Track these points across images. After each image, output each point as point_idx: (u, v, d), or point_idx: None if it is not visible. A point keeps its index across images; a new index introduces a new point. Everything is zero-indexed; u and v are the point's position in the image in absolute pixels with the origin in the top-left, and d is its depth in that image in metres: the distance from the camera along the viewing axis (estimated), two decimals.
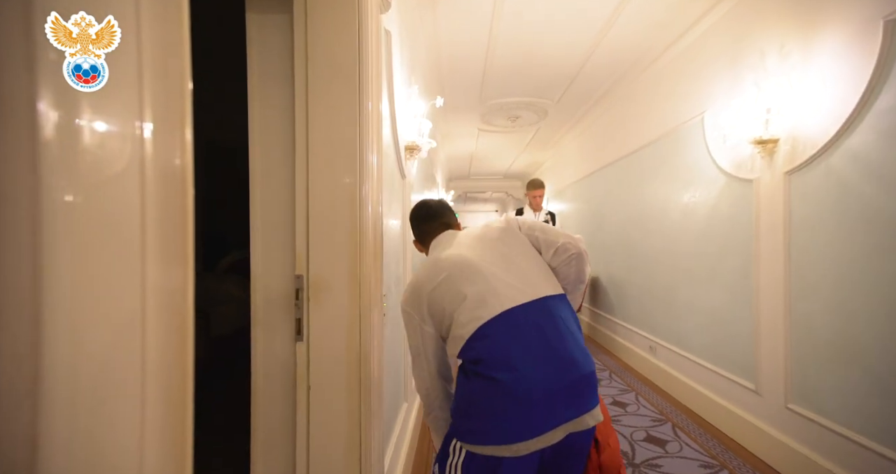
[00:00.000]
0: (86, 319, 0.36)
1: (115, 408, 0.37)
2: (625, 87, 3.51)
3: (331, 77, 1.11)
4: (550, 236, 1.09)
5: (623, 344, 3.60)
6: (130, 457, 0.38)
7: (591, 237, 4.53)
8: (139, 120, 0.40)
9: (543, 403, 0.85)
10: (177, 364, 0.43)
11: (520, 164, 7.55)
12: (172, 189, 0.41)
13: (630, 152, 3.51)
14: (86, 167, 0.36)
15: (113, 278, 0.38)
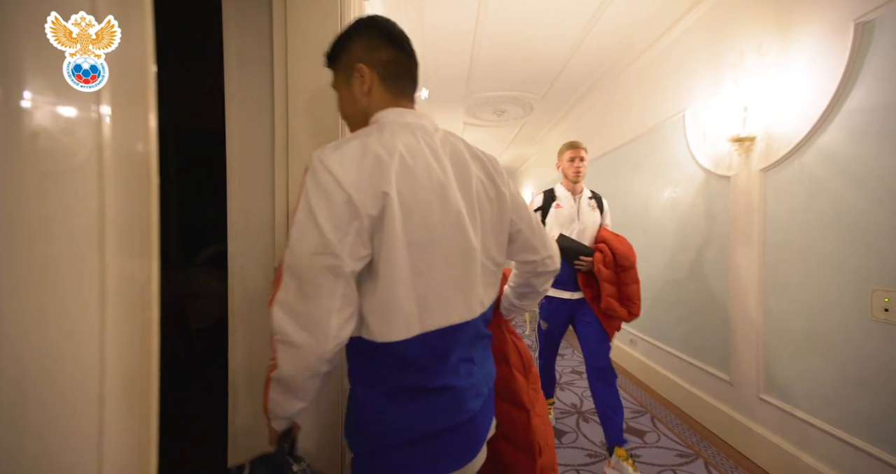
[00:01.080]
0: (37, 311, 0.34)
1: (71, 404, 0.36)
2: (608, 83, 3.54)
3: (311, 67, 1.08)
4: (537, 240, 0.84)
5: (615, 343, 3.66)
6: (88, 453, 0.36)
7: None
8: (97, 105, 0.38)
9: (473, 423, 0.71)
10: (140, 357, 0.42)
11: (505, 159, 7.57)
12: (135, 178, 0.40)
13: (614, 148, 3.55)
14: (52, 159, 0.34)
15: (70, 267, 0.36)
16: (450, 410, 0.67)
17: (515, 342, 1.03)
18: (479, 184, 0.73)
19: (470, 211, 0.70)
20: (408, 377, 0.65)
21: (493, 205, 0.75)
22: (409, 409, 0.65)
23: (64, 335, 0.35)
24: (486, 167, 0.76)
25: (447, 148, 0.72)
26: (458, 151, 0.73)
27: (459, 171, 0.71)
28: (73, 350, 0.36)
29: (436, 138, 0.71)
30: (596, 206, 2.01)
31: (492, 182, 0.76)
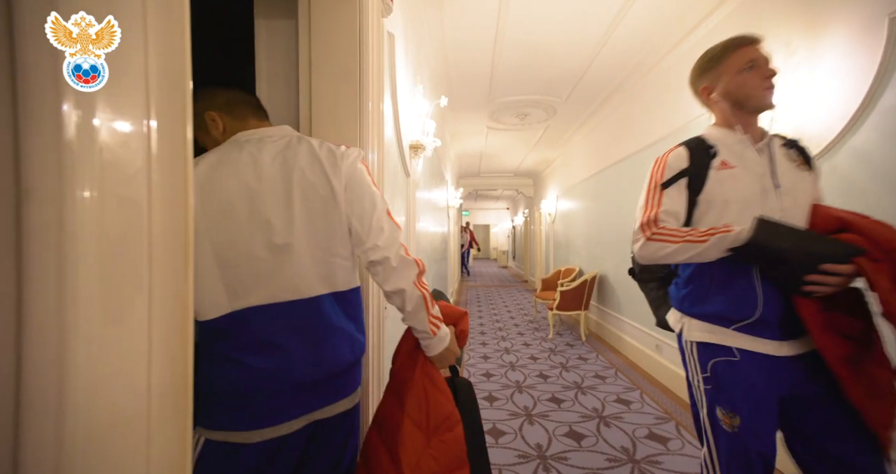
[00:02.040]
0: (103, 326, 0.36)
1: (122, 421, 0.38)
2: (632, 85, 3.49)
3: (333, 80, 1.17)
4: (364, 230, 0.86)
5: (630, 342, 3.59)
6: (137, 447, 0.39)
7: (600, 235, 4.52)
8: (145, 118, 0.40)
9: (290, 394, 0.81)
10: (181, 371, 0.44)
11: (530, 162, 7.54)
12: (176, 188, 0.43)
13: (637, 150, 3.49)
14: (94, 167, 0.36)
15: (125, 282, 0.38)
16: (243, 381, 0.78)
17: (427, 388, 0.90)
18: (306, 186, 0.82)
19: (286, 211, 0.80)
20: (216, 346, 0.79)
21: (325, 202, 0.83)
22: (217, 371, 0.78)
23: (118, 349, 0.38)
24: (322, 168, 0.84)
25: (279, 156, 0.83)
26: (292, 158, 0.83)
27: (282, 176, 0.81)
28: (125, 364, 0.38)
29: (267, 148, 0.83)
30: (802, 162, 1.05)
31: (325, 180, 0.83)
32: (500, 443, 2.12)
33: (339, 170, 0.84)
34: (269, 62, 1.24)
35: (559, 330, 4.77)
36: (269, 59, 1.25)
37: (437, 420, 0.87)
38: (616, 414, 2.46)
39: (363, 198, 0.86)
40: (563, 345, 4.11)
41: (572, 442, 2.12)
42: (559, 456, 1.98)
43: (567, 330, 4.79)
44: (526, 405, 2.60)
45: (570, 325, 5.03)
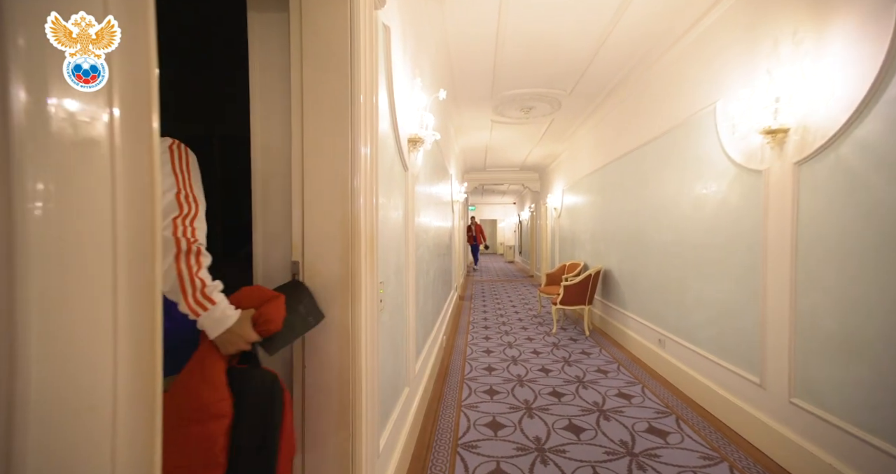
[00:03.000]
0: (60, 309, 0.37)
1: (86, 406, 0.39)
2: (638, 77, 3.43)
3: (324, 72, 1.17)
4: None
5: (634, 337, 3.57)
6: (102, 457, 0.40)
7: (605, 230, 4.48)
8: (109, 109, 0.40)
9: None
10: (148, 359, 0.44)
11: (536, 156, 7.48)
12: (140, 179, 0.42)
13: (643, 143, 3.44)
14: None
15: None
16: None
17: (191, 371, 0.89)
18: None
19: None
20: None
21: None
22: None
23: (82, 335, 0.38)
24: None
25: None
26: None
27: None
28: (90, 349, 0.38)
29: None
30: None
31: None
32: (500, 436, 2.13)
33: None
34: (263, 54, 1.25)
35: (563, 324, 4.76)
36: (262, 52, 1.26)
37: (187, 408, 0.83)
38: (616, 407, 2.45)
39: None
40: (567, 339, 4.10)
41: (571, 435, 2.13)
42: (557, 449, 1.99)
43: (571, 324, 4.78)
44: (526, 398, 2.61)
45: (574, 320, 5.02)
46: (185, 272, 0.86)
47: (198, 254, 0.88)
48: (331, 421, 1.17)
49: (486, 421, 2.31)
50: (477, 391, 2.76)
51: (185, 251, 0.87)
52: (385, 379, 1.56)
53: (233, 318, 0.90)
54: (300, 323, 1.04)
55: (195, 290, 0.86)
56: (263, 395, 0.93)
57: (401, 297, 1.92)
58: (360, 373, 1.20)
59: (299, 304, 1.06)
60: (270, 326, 0.95)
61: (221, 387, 0.87)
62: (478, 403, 2.55)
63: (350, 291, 1.15)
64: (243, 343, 0.92)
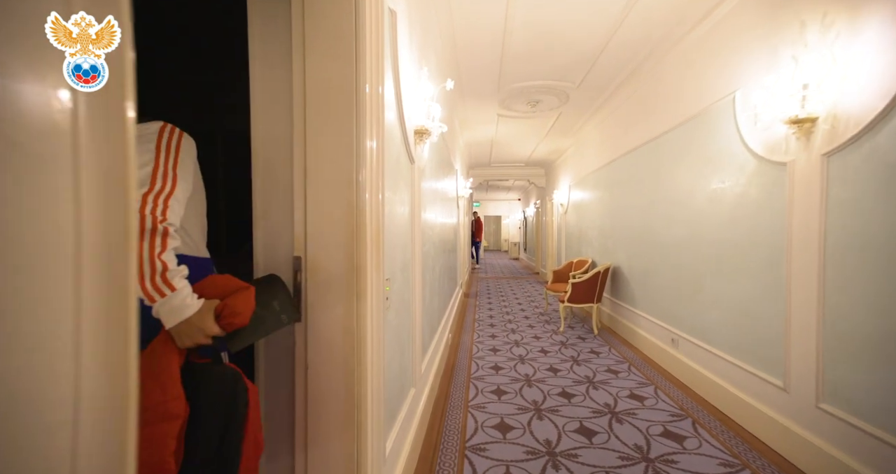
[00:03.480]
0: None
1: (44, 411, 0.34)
2: (651, 67, 3.32)
3: (327, 59, 1.09)
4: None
5: (644, 336, 3.48)
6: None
7: (614, 226, 4.38)
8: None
9: None
10: (121, 362, 0.40)
11: (542, 151, 7.37)
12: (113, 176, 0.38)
13: (655, 136, 3.34)
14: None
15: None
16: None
17: (142, 367, 0.72)
18: None
19: None
20: None
21: None
22: None
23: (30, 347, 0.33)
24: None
25: None
26: None
27: None
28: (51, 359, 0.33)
29: None
30: None
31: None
32: (508, 439, 2.06)
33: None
34: (263, 43, 1.17)
35: (571, 323, 4.67)
36: (262, 40, 1.18)
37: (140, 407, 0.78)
38: (629, 410, 2.37)
39: None
40: (575, 338, 4.02)
41: (583, 438, 2.05)
42: (569, 453, 1.91)
43: (579, 323, 4.69)
44: (535, 399, 2.54)
45: (581, 318, 4.93)
46: (147, 251, 0.77)
47: (164, 235, 0.80)
48: (335, 423, 1.10)
49: (494, 422, 2.24)
50: (484, 391, 2.69)
51: (150, 229, 0.79)
52: (391, 379, 1.49)
53: (192, 308, 0.82)
54: (272, 319, 0.95)
55: (154, 273, 0.77)
56: (223, 394, 0.85)
57: (407, 294, 1.85)
58: (366, 374, 1.13)
59: (273, 300, 0.97)
60: (236, 320, 0.86)
61: (173, 385, 0.78)
62: (485, 403, 2.48)
63: (355, 289, 1.08)
64: (202, 336, 0.83)
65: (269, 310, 0.95)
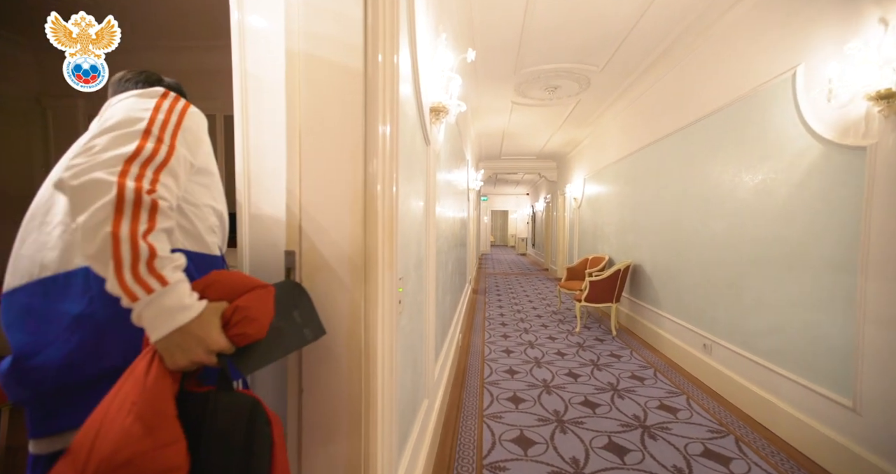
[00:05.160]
0: None
1: None
2: (685, 47, 3.03)
3: (331, 20, 0.84)
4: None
5: (670, 339, 3.24)
6: None
7: (635, 222, 4.12)
8: None
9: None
10: None
11: (556, 143, 7.08)
12: None
13: (687, 124, 3.06)
14: None
15: None
16: None
17: (115, 400, 0.55)
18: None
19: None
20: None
21: None
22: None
23: None
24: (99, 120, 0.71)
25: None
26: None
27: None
28: None
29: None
30: None
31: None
32: (530, 456, 1.84)
33: (101, 115, 0.71)
34: None
35: (586, 322, 4.44)
36: None
37: (102, 463, 0.49)
38: (661, 423, 2.14)
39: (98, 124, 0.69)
40: (592, 339, 3.78)
41: (614, 457, 1.83)
42: None
43: (595, 323, 4.45)
44: (556, 408, 2.32)
45: (597, 318, 4.69)
46: (125, 230, 0.54)
47: (152, 209, 0.57)
48: (337, 457, 0.88)
49: (512, 435, 2.02)
50: (499, 398, 2.47)
51: (132, 201, 0.56)
52: (403, 396, 1.27)
53: (191, 310, 0.58)
54: (293, 333, 0.71)
55: (137, 260, 0.54)
56: (235, 433, 0.59)
57: (421, 295, 1.62)
58: (376, 398, 0.91)
59: (294, 309, 0.74)
60: (250, 329, 0.62)
61: (167, 425, 0.54)
62: (501, 413, 2.26)
63: (364, 291, 0.85)
64: (203, 352, 0.58)
65: (290, 322, 0.72)
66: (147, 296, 0.55)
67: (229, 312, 0.62)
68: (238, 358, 0.63)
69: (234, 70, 0.91)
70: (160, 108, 0.68)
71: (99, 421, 0.53)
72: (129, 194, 0.55)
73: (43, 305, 0.64)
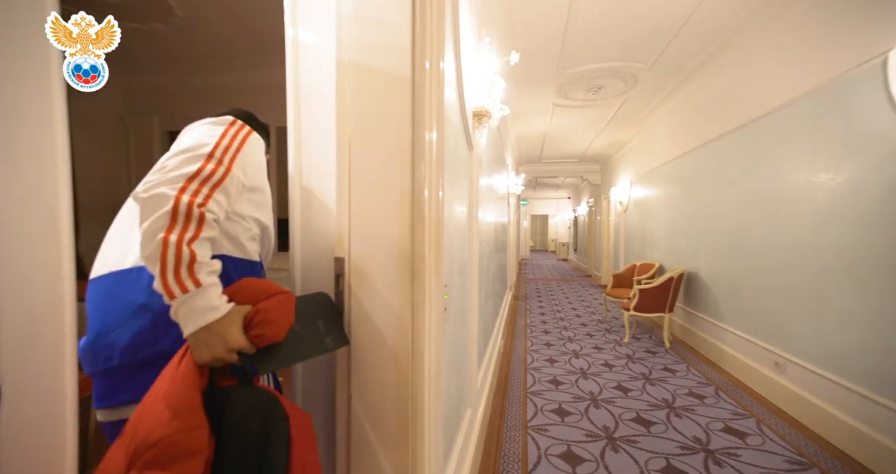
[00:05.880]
0: None
1: None
2: (748, 37, 2.80)
3: (378, 25, 0.85)
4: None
5: (733, 355, 2.97)
6: None
7: (689, 225, 3.85)
8: None
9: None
10: None
11: (599, 145, 6.82)
12: None
13: (749, 121, 2.82)
14: None
15: None
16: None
17: (155, 388, 0.63)
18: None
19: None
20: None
21: None
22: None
23: None
24: None
25: None
26: None
27: None
28: None
29: None
30: None
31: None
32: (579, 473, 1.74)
33: (182, 136, 0.82)
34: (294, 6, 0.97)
35: (635, 333, 4.19)
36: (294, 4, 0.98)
37: (140, 443, 0.57)
38: (728, 448, 1.95)
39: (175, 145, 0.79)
40: (643, 351, 3.56)
41: None
42: None
43: (644, 333, 4.19)
44: (606, 424, 2.19)
45: (647, 329, 4.42)
46: (174, 237, 0.63)
47: (200, 221, 0.66)
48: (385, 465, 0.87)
49: (559, 450, 1.93)
50: (544, 409, 2.37)
51: (185, 213, 0.65)
52: (448, 404, 1.24)
53: (218, 311, 0.65)
54: (313, 341, 0.76)
55: (179, 263, 0.63)
56: (251, 426, 0.64)
57: (465, 301, 1.60)
58: (423, 406, 0.88)
59: (318, 318, 0.79)
60: (267, 331, 0.68)
61: (190, 414, 0.60)
62: (546, 426, 2.17)
63: (411, 299, 0.84)
64: (223, 349, 0.64)
65: (312, 329, 0.76)
66: (183, 296, 0.63)
67: (251, 314, 0.68)
68: (257, 358, 0.69)
69: (287, 82, 0.94)
70: (226, 135, 0.80)
71: (143, 406, 0.62)
72: (182, 207, 0.65)
73: (118, 293, 0.76)
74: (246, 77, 3.60)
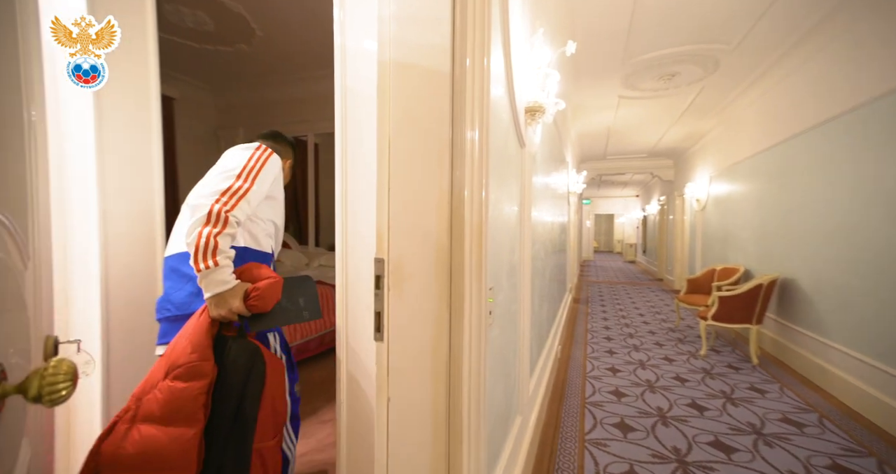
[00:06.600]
0: None
1: None
2: (856, 8, 2.36)
3: (413, 29, 0.84)
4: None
5: (843, 377, 2.52)
6: None
7: (784, 226, 3.36)
8: None
9: None
10: None
11: (672, 138, 6.25)
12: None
13: (858, 105, 2.38)
14: None
15: None
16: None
17: (188, 323, 0.96)
18: None
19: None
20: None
21: None
22: None
23: None
24: None
25: None
26: None
27: None
28: None
29: None
30: None
31: None
32: None
33: (224, 158, 1.15)
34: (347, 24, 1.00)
35: (714, 345, 3.76)
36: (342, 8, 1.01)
37: (172, 363, 0.89)
38: None
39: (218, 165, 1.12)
40: (723, 366, 3.17)
41: None
42: None
43: (725, 346, 3.74)
44: (676, 446, 1.98)
45: (729, 341, 3.94)
46: (207, 231, 0.95)
47: (224, 221, 0.97)
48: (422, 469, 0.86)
49: (621, 469, 1.78)
50: (604, 422, 2.21)
51: (215, 215, 0.97)
52: (493, 412, 1.20)
53: (227, 284, 0.96)
54: (293, 312, 1.06)
55: (207, 249, 0.94)
56: (239, 365, 0.95)
57: (514, 304, 1.54)
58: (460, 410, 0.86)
59: (300, 297, 1.08)
60: (258, 303, 0.98)
61: (203, 350, 0.91)
62: (607, 440, 2.02)
63: (449, 301, 0.82)
64: (227, 311, 0.96)
65: (293, 304, 1.06)
66: (206, 270, 0.94)
67: (249, 290, 0.99)
68: (251, 320, 1.01)
69: (335, 87, 0.98)
70: (252, 158, 1.10)
71: (176, 341, 0.94)
72: (214, 212, 0.97)
73: (177, 267, 1.08)
74: (310, 88, 3.93)
